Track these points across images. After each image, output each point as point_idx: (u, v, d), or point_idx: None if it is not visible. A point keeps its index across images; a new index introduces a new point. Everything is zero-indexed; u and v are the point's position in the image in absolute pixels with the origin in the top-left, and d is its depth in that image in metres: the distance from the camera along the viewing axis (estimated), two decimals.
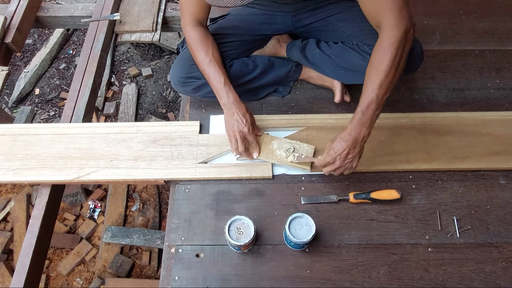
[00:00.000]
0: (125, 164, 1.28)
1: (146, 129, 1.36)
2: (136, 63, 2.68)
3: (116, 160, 1.29)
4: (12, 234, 1.96)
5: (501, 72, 1.59)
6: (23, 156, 1.30)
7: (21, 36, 1.75)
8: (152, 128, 1.37)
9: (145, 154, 1.30)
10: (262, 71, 1.43)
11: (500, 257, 1.17)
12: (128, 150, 1.31)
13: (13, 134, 1.36)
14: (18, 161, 1.29)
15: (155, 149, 1.31)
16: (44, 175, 1.26)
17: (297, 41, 1.46)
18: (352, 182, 1.29)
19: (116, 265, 1.87)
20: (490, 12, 1.79)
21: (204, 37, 1.28)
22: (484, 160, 1.31)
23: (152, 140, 1.33)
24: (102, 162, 1.28)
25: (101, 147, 1.32)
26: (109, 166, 1.28)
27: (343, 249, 1.18)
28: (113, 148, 1.31)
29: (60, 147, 1.32)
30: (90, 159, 1.29)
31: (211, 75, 1.25)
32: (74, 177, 1.25)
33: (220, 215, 1.23)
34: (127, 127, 1.37)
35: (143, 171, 1.27)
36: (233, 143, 1.25)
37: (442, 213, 1.24)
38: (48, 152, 1.31)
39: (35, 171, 1.27)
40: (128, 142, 1.32)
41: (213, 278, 1.13)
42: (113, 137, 1.34)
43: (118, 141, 1.33)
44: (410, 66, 1.30)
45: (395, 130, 1.37)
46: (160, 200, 2.14)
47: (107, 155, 1.30)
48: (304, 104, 1.48)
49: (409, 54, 1.14)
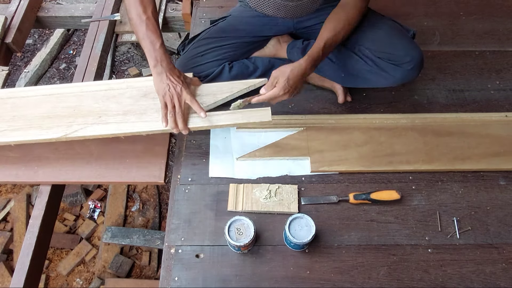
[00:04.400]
0: (115, 119, 1.23)
1: (136, 84, 1.31)
2: (137, 63, 2.69)
3: (105, 116, 1.24)
4: (12, 234, 1.96)
5: (501, 73, 1.59)
6: (10, 118, 1.26)
7: (22, 36, 1.75)
8: (143, 83, 1.31)
9: (135, 108, 1.25)
10: (262, 72, 1.43)
11: (500, 258, 1.17)
12: (118, 105, 1.25)
13: (0, 98, 1.31)
14: (4, 123, 1.25)
15: (145, 103, 1.26)
16: (30, 135, 1.22)
17: (297, 42, 1.46)
18: (352, 182, 1.29)
19: (116, 266, 1.87)
20: (490, 13, 1.79)
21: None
22: (484, 161, 1.31)
23: (142, 94, 1.28)
24: (90, 118, 1.23)
25: (90, 104, 1.26)
26: (97, 122, 1.22)
27: (343, 250, 1.18)
28: (102, 104, 1.26)
29: (48, 106, 1.27)
30: (78, 116, 1.24)
31: (147, 35, 1.13)
32: (61, 135, 1.21)
33: (220, 215, 1.23)
34: (117, 83, 1.32)
35: (133, 125, 1.22)
36: (164, 109, 1.16)
37: (442, 214, 1.24)
38: (36, 112, 1.26)
39: (22, 131, 1.23)
40: (117, 98, 1.27)
41: (213, 278, 1.13)
42: (102, 94, 1.29)
43: (107, 97, 1.28)
44: (409, 75, 1.31)
45: (395, 130, 1.37)
46: (160, 200, 2.14)
47: (95, 112, 1.25)
48: (304, 104, 1.48)
49: (407, 64, 1.22)
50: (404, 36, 1.33)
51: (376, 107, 1.47)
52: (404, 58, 1.28)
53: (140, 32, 1.14)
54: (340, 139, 1.34)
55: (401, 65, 1.29)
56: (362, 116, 1.41)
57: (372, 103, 1.48)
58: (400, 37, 1.31)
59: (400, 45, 1.29)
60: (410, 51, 1.28)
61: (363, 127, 1.37)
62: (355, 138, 1.35)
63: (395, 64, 1.29)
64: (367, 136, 1.35)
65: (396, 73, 1.31)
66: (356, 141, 1.34)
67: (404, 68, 1.29)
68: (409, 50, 1.28)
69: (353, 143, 1.33)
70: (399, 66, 1.29)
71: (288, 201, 1.23)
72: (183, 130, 1.17)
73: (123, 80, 1.33)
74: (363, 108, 1.47)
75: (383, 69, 1.30)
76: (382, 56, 1.29)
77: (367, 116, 1.40)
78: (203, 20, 1.73)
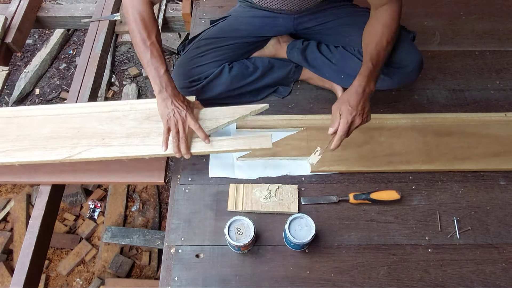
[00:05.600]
0: (118, 141, 1.24)
1: (140, 107, 1.31)
2: (137, 63, 2.68)
3: (108, 138, 1.24)
4: (12, 234, 1.96)
5: (501, 73, 1.59)
6: (15, 137, 1.27)
7: (22, 36, 1.75)
8: (146, 105, 1.31)
9: (138, 131, 1.26)
10: (262, 73, 1.43)
11: (500, 258, 1.17)
12: (121, 127, 1.26)
13: (6, 117, 1.32)
14: (9, 143, 1.25)
15: (149, 125, 1.26)
16: (35, 156, 1.23)
17: (297, 42, 1.46)
18: (352, 182, 1.29)
19: (115, 265, 1.87)
20: (490, 13, 1.79)
21: (152, 17, 1.15)
22: (484, 161, 1.31)
23: (146, 117, 1.28)
24: (94, 140, 1.24)
25: (94, 126, 1.27)
26: (101, 144, 1.23)
27: (343, 250, 1.18)
28: (106, 126, 1.27)
29: (52, 127, 1.28)
30: (83, 138, 1.25)
31: (152, 61, 1.13)
32: (65, 156, 1.22)
33: (220, 215, 1.23)
34: (121, 105, 1.33)
35: (136, 148, 1.22)
36: (166, 133, 1.15)
37: (442, 214, 1.24)
38: (40, 132, 1.27)
39: (26, 152, 1.23)
40: (121, 120, 1.28)
41: (212, 278, 1.13)
42: (106, 116, 1.29)
43: (111, 119, 1.29)
44: (408, 78, 1.31)
45: (395, 130, 1.37)
46: (160, 200, 2.14)
47: (99, 133, 1.26)
48: (304, 104, 1.48)
49: (406, 68, 1.22)
50: (404, 38, 1.33)
51: (376, 107, 1.47)
52: (403, 61, 1.28)
53: (145, 58, 1.14)
54: None
55: (400, 68, 1.29)
56: None
57: (372, 103, 1.47)
58: (400, 40, 1.31)
59: (400, 48, 1.29)
60: (409, 54, 1.28)
61: (363, 127, 1.36)
62: (355, 138, 1.34)
63: (394, 67, 1.29)
64: (367, 136, 1.35)
65: (395, 76, 1.31)
66: (356, 141, 1.34)
67: (403, 71, 1.29)
68: (408, 53, 1.28)
69: (353, 143, 1.33)
70: (398, 69, 1.29)
71: (288, 201, 1.23)
72: (185, 155, 1.17)
73: (126, 102, 1.33)
74: None
75: (382, 72, 1.30)
76: None
77: None
78: (203, 20, 1.73)
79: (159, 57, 1.13)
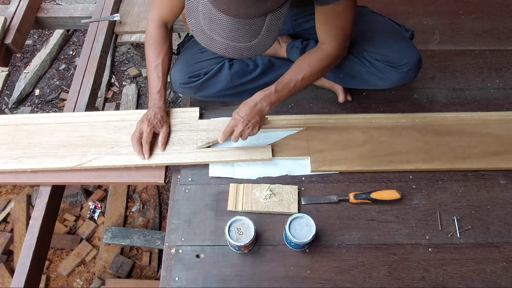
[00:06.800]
0: (126, 150, 1.29)
1: None
2: (136, 63, 2.68)
3: (117, 147, 1.30)
4: (12, 235, 1.96)
5: (501, 72, 1.59)
6: (26, 145, 1.32)
7: (21, 37, 1.75)
8: None
9: None
10: (262, 71, 1.43)
11: (500, 257, 1.17)
12: (129, 136, 1.31)
13: (15, 124, 1.37)
14: (20, 150, 1.30)
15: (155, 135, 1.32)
16: (46, 163, 1.27)
17: (297, 42, 1.46)
18: (352, 182, 1.29)
19: (116, 266, 1.87)
20: (490, 12, 1.79)
21: (163, 40, 1.31)
22: (484, 160, 1.31)
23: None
24: (103, 149, 1.30)
25: (102, 135, 1.33)
26: (110, 152, 1.29)
27: (343, 249, 1.18)
28: (114, 135, 1.33)
29: (62, 135, 1.33)
30: (92, 146, 1.31)
31: (152, 79, 1.31)
32: (76, 164, 1.27)
33: (220, 215, 1.23)
34: (128, 114, 1.39)
35: None
36: (136, 132, 1.26)
37: (443, 213, 1.24)
38: (50, 140, 1.32)
39: (38, 159, 1.28)
40: (129, 129, 1.33)
41: (213, 278, 1.13)
42: (114, 125, 1.36)
43: (119, 128, 1.35)
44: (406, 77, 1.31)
45: (395, 130, 1.37)
46: (160, 200, 2.14)
47: (108, 142, 1.31)
48: (304, 104, 1.48)
49: (405, 65, 1.25)
50: (402, 37, 1.33)
51: (376, 106, 1.47)
52: (401, 60, 1.28)
53: (149, 74, 1.33)
54: (340, 139, 1.34)
55: (398, 67, 1.29)
56: (362, 115, 1.40)
57: (372, 103, 1.48)
58: (397, 39, 1.31)
59: (397, 47, 1.29)
60: (407, 53, 1.28)
61: (363, 127, 1.37)
62: (355, 137, 1.35)
63: (392, 66, 1.29)
64: (367, 135, 1.35)
65: (393, 75, 1.31)
66: (356, 141, 1.34)
67: (401, 70, 1.29)
68: (406, 52, 1.28)
69: (353, 142, 1.33)
70: (396, 68, 1.29)
71: (288, 201, 1.23)
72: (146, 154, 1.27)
73: (133, 112, 1.41)
74: (363, 108, 1.47)
75: (381, 71, 1.31)
76: (379, 58, 1.30)
77: (367, 116, 1.40)
78: None
79: (159, 78, 1.31)
